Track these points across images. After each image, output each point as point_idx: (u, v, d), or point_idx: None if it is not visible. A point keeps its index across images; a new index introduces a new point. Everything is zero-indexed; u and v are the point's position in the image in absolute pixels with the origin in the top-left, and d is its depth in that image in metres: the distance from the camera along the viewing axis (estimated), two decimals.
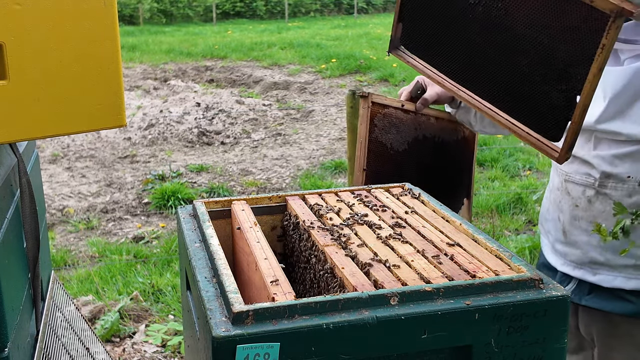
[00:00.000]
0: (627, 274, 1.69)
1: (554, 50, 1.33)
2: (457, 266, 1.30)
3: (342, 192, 1.74)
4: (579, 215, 1.76)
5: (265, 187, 6.25)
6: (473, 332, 1.15)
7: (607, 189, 1.68)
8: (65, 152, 7.40)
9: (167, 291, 4.06)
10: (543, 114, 1.40)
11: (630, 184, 1.64)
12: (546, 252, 1.93)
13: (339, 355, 1.09)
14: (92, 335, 2.10)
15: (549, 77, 1.36)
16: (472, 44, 1.50)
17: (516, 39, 1.40)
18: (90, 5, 1.26)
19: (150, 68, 12.95)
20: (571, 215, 1.78)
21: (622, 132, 1.61)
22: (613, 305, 1.73)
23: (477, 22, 1.47)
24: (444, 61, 1.60)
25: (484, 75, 1.51)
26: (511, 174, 6.39)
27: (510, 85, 1.45)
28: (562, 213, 1.81)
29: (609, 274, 1.72)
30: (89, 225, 5.35)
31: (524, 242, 4.60)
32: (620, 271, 1.70)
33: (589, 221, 1.73)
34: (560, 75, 1.34)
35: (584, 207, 1.74)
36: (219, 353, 1.05)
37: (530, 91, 1.41)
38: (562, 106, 1.35)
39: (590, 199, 1.72)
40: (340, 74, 11.90)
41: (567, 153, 1.37)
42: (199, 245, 1.45)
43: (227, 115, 8.77)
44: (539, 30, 1.35)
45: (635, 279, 1.68)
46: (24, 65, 1.20)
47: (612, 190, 1.67)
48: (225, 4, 26.59)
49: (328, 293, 1.34)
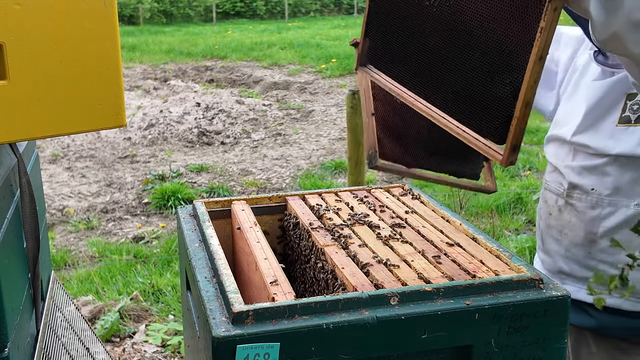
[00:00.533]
0: None
1: (501, 41, 1.27)
2: (457, 266, 1.30)
3: (342, 192, 1.74)
4: (551, 224, 1.77)
5: (265, 187, 6.25)
6: (473, 332, 1.15)
7: (573, 199, 1.69)
8: (65, 152, 7.40)
9: (167, 291, 4.06)
10: (490, 113, 1.32)
11: (593, 197, 1.65)
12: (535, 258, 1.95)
13: (339, 355, 1.09)
14: (92, 335, 2.10)
15: (496, 70, 1.28)
16: (428, 50, 1.46)
17: (467, 35, 1.34)
18: (90, 5, 1.26)
19: (150, 68, 12.95)
20: (546, 223, 1.80)
21: (590, 145, 1.63)
22: (577, 317, 1.72)
23: (433, 26, 1.43)
24: (406, 74, 1.55)
25: (437, 80, 1.45)
26: (511, 174, 6.39)
27: (460, 86, 1.39)
28: (541, 220, 1.83)
29: (574, 285, 1.72)
30: (89, 225, 5.35)
31: (524, 242, 4.60)
32: (583, 283, 1.69)
33: (558, 230, 1.74)
34: (505, 66, 1.26)
35: (555, 216, 1.75)
36: (219, 353, 1.05)
37: (478, 89, 1.34)
38: (506, 101, 1.27)
39: (561, 208, 1.73)
40: (340, 74, 11.90)
41: (511, 155, 1.27)
42: (199, 245, 1.45)
43: (227, 115, 8.77)
44: (488, 22, 1.29)
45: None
46: (24, 65, 1.20)
47: (577, 201, 1.68)
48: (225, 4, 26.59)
49: (328, 293, 1.34)
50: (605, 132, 1.61)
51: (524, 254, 4.45)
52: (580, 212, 1.68)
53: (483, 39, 1.31)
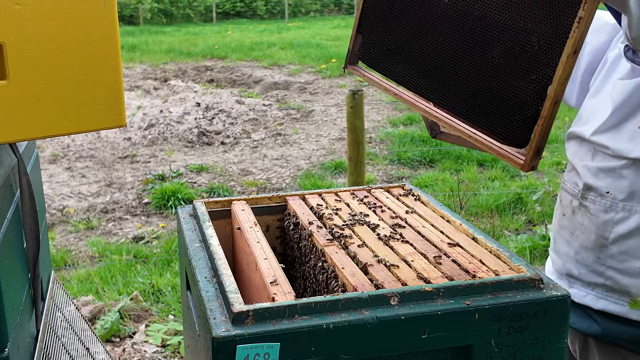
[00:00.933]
0: (597, 293, 1.62)
1: (527, 33, 1.16)
2: (457, 266, 1.30)
3: (342, 192, 1.74)
4: (564, 225, 1.72)
5: (265, 187, 6.25)
6: (473, 332, 1.15)
7: (587, 201, 1.63)
8: (65, 152, 7.40)
9: (167, 291, 4.06)
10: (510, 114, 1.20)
11: (607, 200, 1.59)
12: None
13: (339, 355, 1.09)
14: (92, 335, 2.10)
15: (519, 67, 1.18)
16: (436, 47, 1.35)
17: (487, 28, 1.23)
18: (90, 5, 1.26)
19: (150, 68, 12.95)
20: (559, 224, 1.74)
21: (609, 146, 1.57)
22: (583, 323, 1.67)
23: (444, 19, 1.32)
24: (407, 74, 1.43)
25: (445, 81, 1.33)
26: (511, 174, 6.39)
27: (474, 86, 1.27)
28: (555, 220, 1.78)
29: (580, 290, 1.66)
30: (89, 225, 5.35)
31: (524, 242, 4.60)
32: (592, 288, 1.64)
33: (570, 232, 1.69)
34: (531, 63, 1.16)
35: (568, 217, 1.70)
36: (219, 353, 1.05)
37: (496, 89, 1.22)
38: (530, 100, 1.16)
39: (574, 209, 1.68)
40: (340, 74, 11.90)
41: (534, 158, 1.17)
42: (199, 245, 1.45)
43: (227, 115, 8.76)
44: (512, 12, 1.18)
45: (604, 299, 1.61)
46: (24, 65, 1.20)
47: (591, 204, 1.62)
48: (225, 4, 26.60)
49: (328, 293, 1.33)
50: (626, 133, 1.55)
51: (524, 254, 4.45)
52: (593, 214, 1.62)
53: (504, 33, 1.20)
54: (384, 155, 6.99)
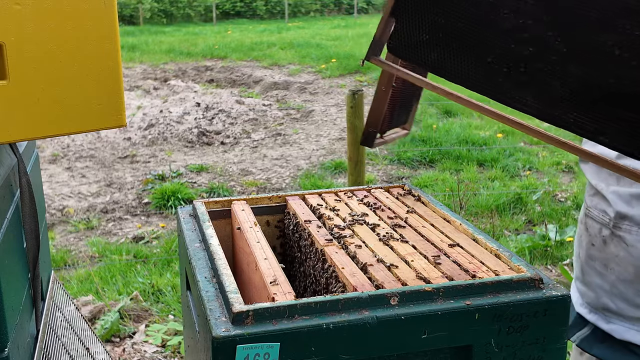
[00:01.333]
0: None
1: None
2: (457, 266, 1.30)
3: (342, 192, 1.74)
4: (594, 255, 1.57)
5: (265, 187, 6.25)
6: (473, 332, 1.15)
7: (621, 230, 1.48)
8: (65, 152, 7.40)
9: (167, 291, 4.06)
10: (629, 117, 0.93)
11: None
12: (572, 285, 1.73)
13: (339, 355, 1.09)
14: (92, 335, 2.10)
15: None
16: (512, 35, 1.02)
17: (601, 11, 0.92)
18: (90, 5, 1.26)
19: (150, 68, 12.95)
20: (587, 254, 1.60)
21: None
22: (623, 358, 1.54)
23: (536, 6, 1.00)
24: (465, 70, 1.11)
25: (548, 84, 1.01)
26: (511, 174, 6.39)
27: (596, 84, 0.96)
28: (581, 249, 1.63)
29: (621, 325, 1.53)
30: (89, 225, 5.35)
31: (524, 242, 4.61)
32: (633, 323, 1.51)
33: (603, 263, 1.54)
34: None
35: (599, 247, 1.55)
36: (219, 353, 1.05)
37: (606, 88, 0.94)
38: None
39: (606, 239, 1.52)
40: (340, 74, 11.90)
41: None
42: (199, 245, 1.45)
43: (227, 115, 8.76)
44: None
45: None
46: (24, 65, 1.20)
47: (626, 234, 1.47)
48: (225, 4, 26.60)
49: (328, 293, 1.33)
50: None
51: (524, 254, 4.46)
52: (630, 245, 1.47)
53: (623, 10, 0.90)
54: (384, 155, 6.99)
